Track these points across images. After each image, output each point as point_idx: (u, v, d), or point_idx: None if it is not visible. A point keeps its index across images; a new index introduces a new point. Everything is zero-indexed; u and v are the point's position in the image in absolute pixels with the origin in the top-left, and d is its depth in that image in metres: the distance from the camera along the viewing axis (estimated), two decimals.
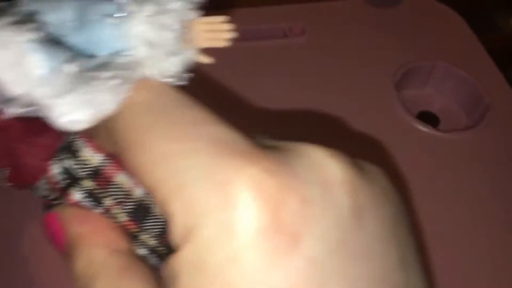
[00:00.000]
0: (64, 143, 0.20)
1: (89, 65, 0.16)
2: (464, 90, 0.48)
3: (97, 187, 0.20)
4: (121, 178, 0.20)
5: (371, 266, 0.14)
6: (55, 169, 0.19)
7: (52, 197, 0.20)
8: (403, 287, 0.15)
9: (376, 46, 0.51)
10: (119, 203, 0.20)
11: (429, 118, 0.47)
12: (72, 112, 0.15)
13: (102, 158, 0.20)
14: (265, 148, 0.15)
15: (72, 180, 0.20)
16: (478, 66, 0.49)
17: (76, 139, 0.20)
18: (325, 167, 0.14)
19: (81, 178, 0.20)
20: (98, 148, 0.20)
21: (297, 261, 0.13)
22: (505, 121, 0.46)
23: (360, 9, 0.55)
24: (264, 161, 0.14)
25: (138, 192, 0.20)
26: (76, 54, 0.16)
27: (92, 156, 0.20)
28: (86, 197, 0.20)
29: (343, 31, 0.52)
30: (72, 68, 0.15)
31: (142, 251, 0.20)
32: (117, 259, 0.18)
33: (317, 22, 0.53)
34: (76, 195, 0.19)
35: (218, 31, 0.17)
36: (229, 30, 0.17)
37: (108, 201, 0.20)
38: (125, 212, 0.20)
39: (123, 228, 0.20)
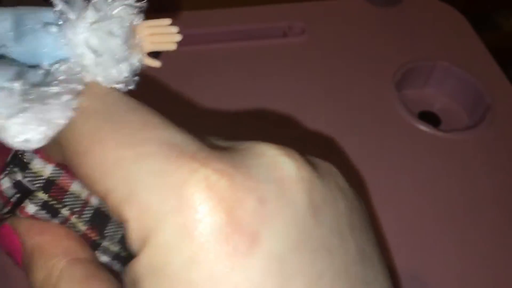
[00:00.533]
0: (12, 156, 0.19)
1: (36, 79, 0.15)
2: (465, 90, 0.48)
3: (52, 198, 0.19)
4: (76, 187, 0.20)
5: (331, 260, 0.14)
6: (6, 184, 0.19)
7: (3, 211, 0.19)
8: (362, 278, 0.15)
9: (377, 46, 0.51)
10: (76, 212, 0.19)
11: (430, 118, 0.47)
12: (25, 131, 0.14)
13: (54, 168, 0.19)
14: (217, 149, 0.15)
15: (25, 193, 0.19)
16: (479, 66, 0.49)
17: (24, 151, 0.19)
18: (279, 165, 0.14)
19: (35, 191, 0.19)
20: (48, 159, 0.19)
21: (257, 260, 0.13)
22: (506, 120, 0.46)
23: (361, 8, 0.54)
24: (216, 162, 0.14)
25: (95, 200, 0.20)
26: (22, 68, 0.16)
27: (43, 167, 0.19)
28: (41, 209, 0.19)
29: (343, 30, 0.52)
30: (21, 85, 0.15)
31: (105, 258, 0.20)
32: (78, 268, 0.18)
33: (317, 21, 0.52)
34: (31, 208, 0.19)
35: (164, 34, 0.17)
36: (175, 33, 0.17)
37: (65, 211, 0.19)
38: (84, 221, 0.20)
39: (84, 237, 0.19)
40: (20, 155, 0.19)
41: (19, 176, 0.19)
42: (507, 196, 0.41)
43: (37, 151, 0.19)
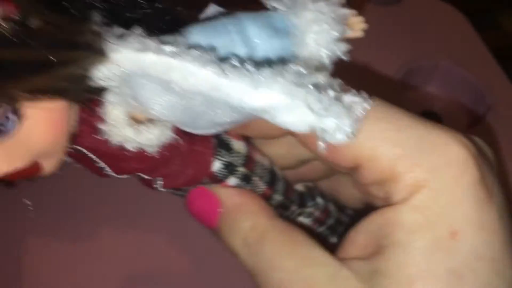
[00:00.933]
0: (216, 141, 0.22)
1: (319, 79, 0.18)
2: (466, 90, 0.48)
3: (248, 170, 0.23)
4: (258, 157, 0.23)
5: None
6: (217, 165, 0.22)
7: (206, 183, 0.22)
8: None
9: (378, 45, 0.51)
10: (261, 177, 0.23)
11: (431, 118, 0.47)
12: (339, 128, 0.17)
13: (244, 144, 0.23)
14: None
15: (231, 170, 0.22)
16: (480, 65, 0.49)
17: (222, 135, 0.22)
18: (484, 147, 0.19)
19: (237, 166, 0.22)
20: (237, 137, 0.23)
21: (494, 207, 0.18)
22: (507, 120, 0.46)
23: (361, 6, 0.54)
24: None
25: (266, 163, 0.24)
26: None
27: (240, 146, 0.22)
28: (240, 181, 0.22)
29: None
30: (332, 93, 0.17)
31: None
32: (278, 221, 0.21)
33: None
34: (232, 180, 0.22)
35: (354, 23, 0.20)
36: (362, 22, 0.20)
37: (254, 178, 0.23)
38: (265, 182, 0.23)
39: (263, 196, 0.23)
40: (221, 139, 0.22)
41: (227, 158, 0.22)
42: (508, 196, 0.41)
43: (229, 133, 0.22)
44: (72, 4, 0.18)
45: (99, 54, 0.17)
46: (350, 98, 0.18)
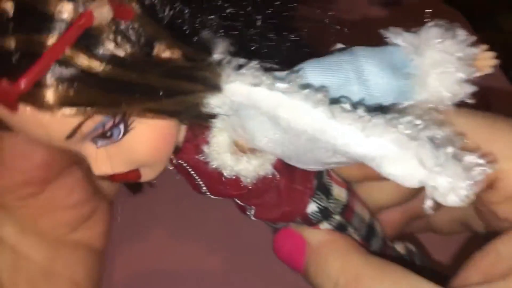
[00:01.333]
0: (317, 184, 0.21)
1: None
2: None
3: (344, 219, 0.22)
4: (359, 208, 0.22)
5: None
6: (312, 208, 0.21)
7: (297, 222, 0.22)
8: None
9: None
10: (357, 229, 0.22)
11: None
12: (454, 189, 0.16)
13: (346, 192, 0.22)
14: None
15: (325, 215, 0.21)
16: None
17: (324, 179, 0.22)
18: None
19: (333, 213, 0.22)
20: (340, 183, 0.22)
21: None
22: None
23: (361, 8, 0.54)
24: None
25: (367, 216, 0.23)
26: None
27: (340, 193, 0.22)
28: (333, 228, 0.22)
29: None
30: (451, 149, 0.16)
31: None
32: (371, 257, 0.20)
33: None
34: (325, 225, 0.21)
35: (483, 59, 0.19)
36: (492, 58, 0.20)
37: (350, 229, 0.22)
38: (360, 236, 0.22)
39: None
40: (322, 183, 0.21)
41: (324, 203, 0.21)
42: None
43: (332, 177, 0.22)
44: (198, 35, 0.18)
45: (214, 88, 0.18)
46: (471, 158, 0.16)
